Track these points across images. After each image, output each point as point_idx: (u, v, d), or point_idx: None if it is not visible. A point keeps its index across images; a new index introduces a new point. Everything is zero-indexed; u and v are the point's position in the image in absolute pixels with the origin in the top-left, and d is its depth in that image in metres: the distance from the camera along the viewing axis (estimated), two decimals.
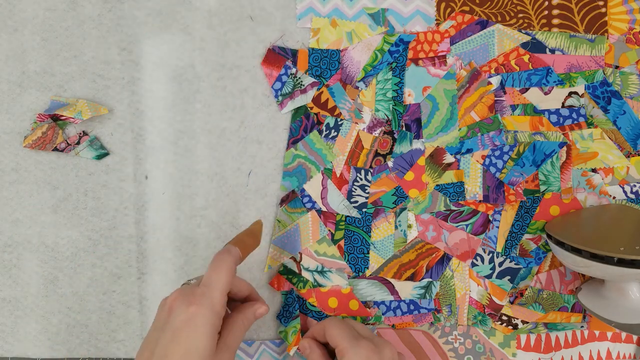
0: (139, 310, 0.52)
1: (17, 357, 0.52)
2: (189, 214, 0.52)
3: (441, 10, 0.52)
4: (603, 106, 0.52)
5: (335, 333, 0.44)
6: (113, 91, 0.52)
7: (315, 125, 0.52)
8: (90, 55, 0.52)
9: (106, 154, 0.52)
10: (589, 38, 0.52)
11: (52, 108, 0.51)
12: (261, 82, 0.52)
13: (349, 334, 0.43)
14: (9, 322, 0.52)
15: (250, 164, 0.52)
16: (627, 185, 0.52)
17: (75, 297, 0.52)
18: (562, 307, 0.51)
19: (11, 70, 0.52)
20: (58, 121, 0.50)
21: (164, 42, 0.52)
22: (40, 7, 0.52)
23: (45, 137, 0.50)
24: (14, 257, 0.52)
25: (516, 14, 0.52)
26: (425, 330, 0.52)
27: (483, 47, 0.52)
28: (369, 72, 0.52)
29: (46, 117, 0.50)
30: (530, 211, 0.52)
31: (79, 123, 0.51)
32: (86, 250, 0.52)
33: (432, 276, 0.52)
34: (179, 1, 0.52)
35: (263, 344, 0.51)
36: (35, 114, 0.51)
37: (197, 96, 0.52)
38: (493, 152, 0.52)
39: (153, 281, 0.52)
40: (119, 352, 0.52)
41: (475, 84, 0.52)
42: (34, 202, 0.52)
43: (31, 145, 0.48)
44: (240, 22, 0.52)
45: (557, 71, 0.52)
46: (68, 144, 0.50)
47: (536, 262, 0.51)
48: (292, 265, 0.52)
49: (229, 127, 0.52)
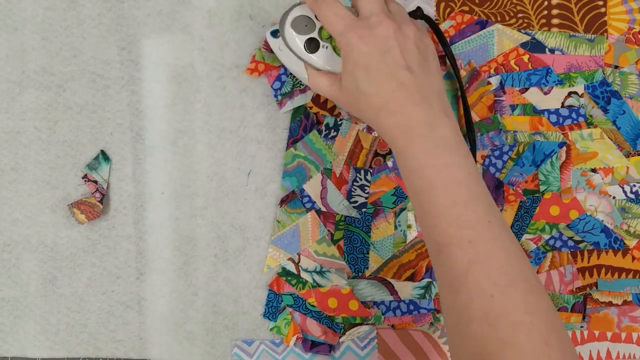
0: (138, 310, 0.52)
1: (16, 356, 0.52)
2: (188, 214, 0.52)
3: (441, 10, 0.52)
4: (603, 106, 0.52)
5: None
6: (113, 91, 0.52)
7: (314, 125, 0.52)
8: (90, 55, 0.52)
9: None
10: (589, 38, 0.52)
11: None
12: (261, 81, 0.52)
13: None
14: (8, 322, 0.52)
15: (249, 164, 0.52)
16: (627, 185, 0.51)
17: (74, 296, 0.52)
18: (562, 308, 0.51)
19: (11, 70, 0.52)
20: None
21: (164, 42, 0.52)
22: (40, 6, 0.52)
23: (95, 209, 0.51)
24: (13, 256, 0.52)
25: (516, 14, 0.52)
26: (425, 331, 0.52)
27: (482, 47, 0.52)
28: None
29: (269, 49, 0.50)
30: (530, 211, 0.52)
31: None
32: (85, 250, 0.52)
33: (431, 276, 0.52)
34: (179, 1, 0.52)
35: (263, 344, 0.51)
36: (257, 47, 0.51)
37: (196, 96, 0.52)
38: (492, 152, 0.52)
39: (152, 281, 0.52)
40: (118, 352, 0.52)
41: (475, 84, 0.52)
42: (33, 201, 0.52)
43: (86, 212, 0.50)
44: (240, 22, 0.52)
45: (557, 71, 0.52)
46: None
47: (536, 262, 0.51)
48: (290, 267, 0.52)
49: (229, 127, 0.52)
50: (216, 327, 0.52)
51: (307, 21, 0.46)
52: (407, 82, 0.41)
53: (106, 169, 0.52)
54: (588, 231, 0.51)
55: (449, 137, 0.41)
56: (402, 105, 0.41)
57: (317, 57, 0.46)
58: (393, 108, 0.41)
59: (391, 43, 0.41)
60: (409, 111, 0.41)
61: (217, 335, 0.52)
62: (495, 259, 0.38)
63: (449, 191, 0.40)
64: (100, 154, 0.52)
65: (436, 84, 0.43)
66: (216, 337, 0.52)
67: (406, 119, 0.41)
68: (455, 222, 0.39)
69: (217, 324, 0.52)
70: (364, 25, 0.42)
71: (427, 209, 0.40)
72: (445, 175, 0.40)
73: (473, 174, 0.40)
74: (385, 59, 0.41)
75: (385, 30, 0.42)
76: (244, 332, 0.52)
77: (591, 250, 0.51)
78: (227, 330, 0.52)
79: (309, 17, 0.46)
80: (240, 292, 0.52)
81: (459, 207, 0.39)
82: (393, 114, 0.41)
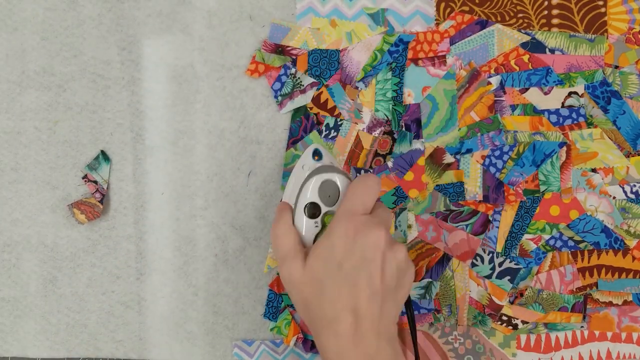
0: (138, 310, 0.52)
1: (16, 356, 0.52)
2: (188, 214, 0.52)
3: (441, 10, 0.52)
4: (603, 106, 0.52)
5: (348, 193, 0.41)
6: (113, 91, 0.52)
7: (315, 125, 0.52)
8: (90, 55, 0.52)
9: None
10: (589, 38, 0.52)
11: (274, 34, 0.49)
12: (261, 82, 0.52)
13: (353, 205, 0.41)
14: (8, 322, 0.52)
15: (249, 164, 0.52)
16: (627, 185, 0.51)
17: (74, 297, 0.52)
18: (562, 307, 0.51)
19: (11, 70, 0.52)
20: (281, 55, 0.49)
21: (164, 42, 0.52)
22: (40, 6, 0.52)
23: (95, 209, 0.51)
24: (13, 256, 0.52)
25: (516, 14, 0.52)
26: (425, 331, 0.52)
27: (483, 47, 0.52)
28: (369, 72, 0.52)
29: (272, 46, 0.50)
30: (530, 211, 0.52)
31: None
32: (85, 250, 0.52)
33: (432, 276, 0.52)
34: (179, 1, 0.52)
35: (263, 344, 0.51)
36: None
37: (196, 96, 0.52)
38: (493, 152, 0.52)
39: (152, 281, 0.52)
40: (118, 353, 0.52)
41: (475, 84, 0.52)
42: (33, 201, 0.52)
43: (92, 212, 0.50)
44: (240, 22, 0.52)
45: (557, 71, 0.52)
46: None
47: (536, 262, 0.51)
48: None
49: (229, 127, 0.52)
50: (216, 327, 0.52)
51: (332, 192, 0.43)
52: (364, 309, 0.39)
53: (106, 169, 0.52)
54: (588, 231, 0.51)
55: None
56: (348, 331, 0.38)
57: (307, 224, 0.43)
58: (338, 329, 0.39)
59: (377, 255, 0.39)
60: (352, 342, 0.38)
61: (217, 336, 0.52)
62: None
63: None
64: (100, 154, 0.52)
65: (394, 312, 0.40)
66: (216, 337, 0.52)
67: (347, 349, 0.38)
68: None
69: (217, 324, 0.52)
70: (365, 222, 0.40)
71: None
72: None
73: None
74: (363, 267, 0.39)
75: (379, 239, 0.39)
76: (244, 332, 0.52)
77: (591, 250, 0.51)
78: (227, 330, 0.52)
79: (338, 189, 0.43)
80: (241, 292, 0.52)
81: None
82: (335, 336, 0.39)
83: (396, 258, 0.40)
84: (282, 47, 0.52)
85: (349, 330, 0.38)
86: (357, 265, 0.39)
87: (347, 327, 0.38)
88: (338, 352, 0.39)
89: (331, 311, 0.39)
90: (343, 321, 0.38)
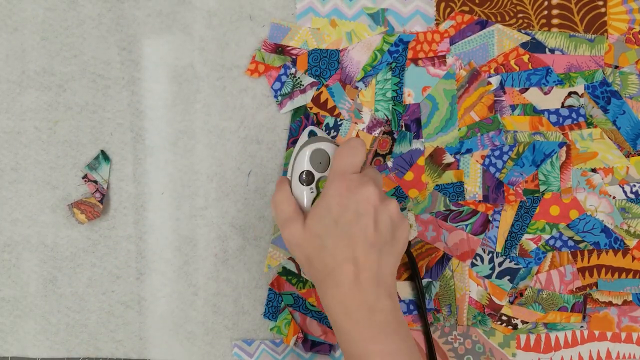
0: (138, 310, 0.52)
1: (16, 356, 0.52)
2: (188, 214, 0.52)
3: (441, 10, 0.52)
4: (603, 106, 0.52)
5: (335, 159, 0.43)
6: (113, 91, 0.52)
7: (315, 125, 0.52)
8: (90, 55, 0.52)
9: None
10: (589, 38, 0.52)
11: (274, 34, 0.49)
12: (261, 82, 0.52)
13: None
14: (8, 322, 0.52)
15: (250, 164, 0.52)
16: (627, 185, 0.51)
17: (74, 297, 0.52)
18: (562, 307, 0.51)
19: (11, 70, 0.52)
20: (281, 55, 0.49)
21: (164, 42, 0.52)
22: (40, 6, 0.52)
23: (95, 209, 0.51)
24: (13, 256, 0.52)
25: (516, 14, 0.52)
26: None
27: (482, 47, 0.52)
28: (369, 72, 0.52)
29: (272, 46, 0.50)
30: (530, 211, 0.52)
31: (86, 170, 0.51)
32: (85, 250, 0.52)
33: (431, 276, 0.52)
34: (179, 1, 0.52)
35: (263, 344, 0.51)
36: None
37: (196, 96, 0.52)
38: (493, 152, 0.52)
39: (152, 281, 0.52)
40: (118, 352, 0.52)
41: (475, 84, 0.52)
42: (33, 201, 0.52)
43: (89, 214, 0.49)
44: (240, 22, 0.52)
45: (557, 71, 0.52)
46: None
47: (536, 262, 0.51)
48: (291, 266, 0.52)
49: (229, 127, 0.52)
50: (216, 327, 0.52)
51: (323, 159, 0.46)
52: (362, 259, 0.41)
53: (106, 169, 0.52)
54: (588, 231, 0.51)
55: (390, 321, 0.41)
56: (349, 280, 0.40)
57: (303, 191, 0.45)
58: (339, 279, 0.41)
59: (370, 209, 0.41)
60: (353, 291, 0.40)
61: (217, 335, 0.52)
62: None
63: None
64: (100, 154, 0.52)
65: (392, 264, 0.42)
66: (216, 337, 0.52)
67: (348, 297, 0.41)
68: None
69: (217, 324, 0.52)
70: (356, 180, 0.42)
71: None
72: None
73: (415, 356, 0.41)
74: (357, 221, 0.41)
75: (371, 194, 0.41)
76: (244, 332, 0.52)
77: (591, 250, 0.51)
78: (227, 330, 0.52)
79: (327, 155, 0.46)
80: (240, 292, 0.52)
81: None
82: (336, 286, 0.41)
83: (388, 211, 0.42)
84: (282, 47, 0.52)
85: (350, 278, 0.40)
86: (352, 220, 0.41)
87: (348, 275, 0.40)
88: (340, 301, 0.41)
89: (332, 263, 0.41)
90: (344, 270, 0.41)
